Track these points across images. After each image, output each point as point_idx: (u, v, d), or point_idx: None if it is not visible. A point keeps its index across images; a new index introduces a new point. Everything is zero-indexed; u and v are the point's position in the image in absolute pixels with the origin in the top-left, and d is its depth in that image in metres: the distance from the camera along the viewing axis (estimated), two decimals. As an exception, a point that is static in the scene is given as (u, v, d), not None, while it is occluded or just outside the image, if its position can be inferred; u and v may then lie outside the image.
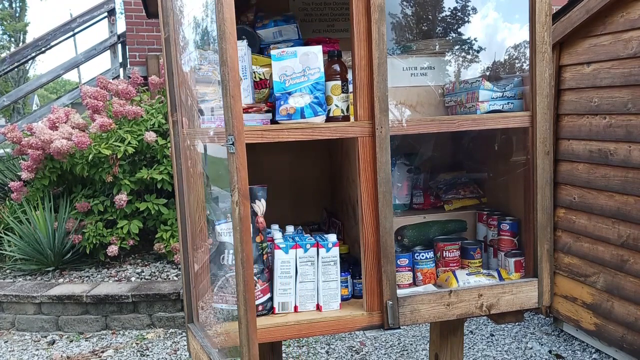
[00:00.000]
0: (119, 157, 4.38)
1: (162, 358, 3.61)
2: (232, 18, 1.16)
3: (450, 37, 2.18)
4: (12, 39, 21.50)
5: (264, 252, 1.72)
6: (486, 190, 2.18)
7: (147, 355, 3.66)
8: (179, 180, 2.01)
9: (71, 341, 3.94)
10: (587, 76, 3.18)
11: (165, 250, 4.53)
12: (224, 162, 1.61)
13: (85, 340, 3.94)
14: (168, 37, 1.97)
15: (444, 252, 1.96)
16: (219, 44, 1.20)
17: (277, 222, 1.92)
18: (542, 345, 3.54)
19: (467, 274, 1.88)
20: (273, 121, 1.70)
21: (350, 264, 1.89)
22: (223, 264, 1.69)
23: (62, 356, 3.69)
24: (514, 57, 2.05)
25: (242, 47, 1.74)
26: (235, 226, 1.21)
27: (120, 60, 7.11)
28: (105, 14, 6.89)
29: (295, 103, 1.64)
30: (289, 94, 1.65)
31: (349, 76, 1.73)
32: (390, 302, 1.70)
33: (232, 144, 1.21)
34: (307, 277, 1.74)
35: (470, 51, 2.14)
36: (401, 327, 1.74)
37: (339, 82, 1.71)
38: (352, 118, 1.73)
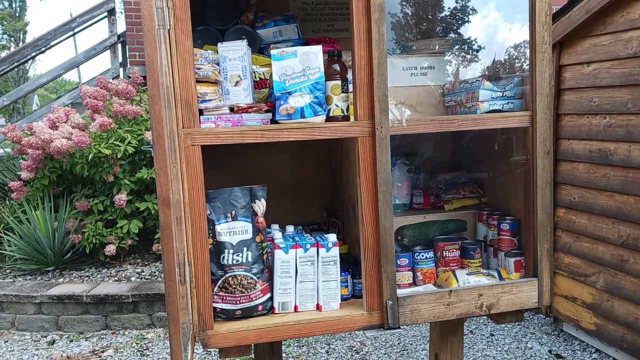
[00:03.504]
0: (119, 156, 4.38)
1: (162, 358, 3.61)
2: (152, 15, 1.09)
3: (450, 37, 2.18)
4: (12, 39, 21.50)
5: (264, 252, 1.72)
6: (486, 190, 2.18)
7: (147, 355, 3.66)
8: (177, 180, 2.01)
9: (71, 341, 3.94)
10: (587, 76, 3.18)
11: None
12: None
13: (85, 340, 3.94)
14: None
15: (444, 252, 1.96)
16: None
17: (277, 222, 1.92)
18: (542, 345, 3.54)
19: (467, 274, 1.88)
20: (273, 121, 1.70)
21: (350, 264, 1.89)
22: (223, 264, 1.69)
23: (62, 356, 3.69)
24: (514, 56, 2.05)
25: (242, 47, 1.74)
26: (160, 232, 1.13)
27: (120, 60, 7.11)
28: (105, 13, 6.88)
29: (295, 103, 1.64)
30: (289, 93, 1.65)
31: (349, 76, 1.73)
32: (390, 302, 1.70)
33: (151, 147, 1.13)
34: (307, 277, 1.74)
35: (470, 51, 2.14)
36: (401, 327, 1.74)
37: (339, 82, 1.71)
38: (352, 118, 1.73)
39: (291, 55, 1.66)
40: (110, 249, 4.43)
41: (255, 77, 1.85)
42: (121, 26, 7.10)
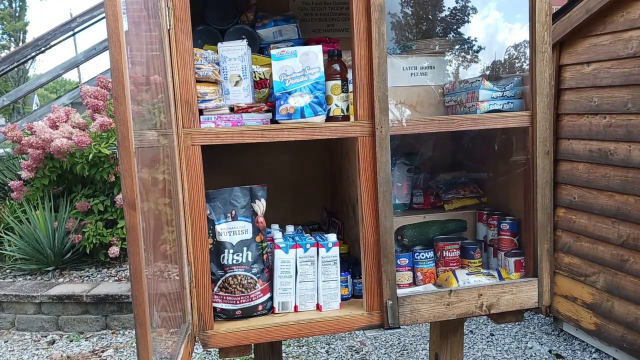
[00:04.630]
0: (119, 156, 4.38)
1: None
2: (115, 15, 1.06)
3: (450, 37, 2.18)
4: (12, 39, 21.50)
5: (264, 252, 1.72)
6: (486, 190, 2.18)
7: (147, 354, 3.66)
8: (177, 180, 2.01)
9: (71, 341, 3.94)
10: (587, 76, 3.18)
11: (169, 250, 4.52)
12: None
13: (85, 340, 3.94)
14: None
15: (444, 251, 1.96)
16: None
17: (277, 222, 1.92)
18: (542, 344, 3.54)
19: (467, 274, 1.88)
20: (273, 121, 1.70)
21: (350, 264, 1.89)
22: (223, 264, 1.69)
23: (62, 356, 3.69)
24: (514, 56, 2.05)
25: (242, 46, 1.74)
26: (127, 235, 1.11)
27: (120, 60, 7.10)
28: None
29: (295, 103, 1.64)
30: (289, 93, 1.65)
31: (349, 76, 1.73)
32: (390, 302, 1.70)
33: (116, 148, 1.11)
34: (307, 277, 1.74)
35: (470, 51, 2.14)
36: (401, 326, 1.74)
37: (339, 82, 1.71)
38: (352, 118, 1.73)
39: (291, 55, 1.66)
40: (114, 251, 4.42)
41: (255, 77, 1.85)
42: (121, 26, 7.08)
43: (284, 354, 3.53)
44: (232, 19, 2.05)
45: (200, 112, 1.64)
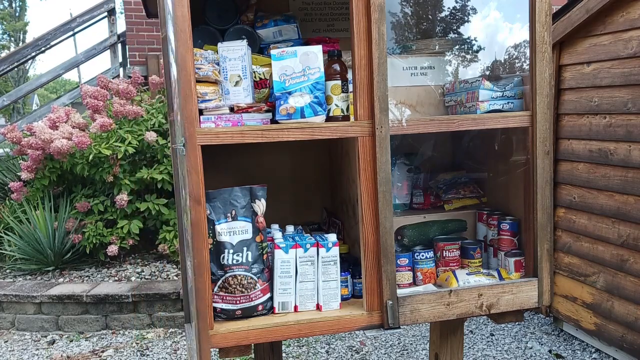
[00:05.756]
0: (119, 157, 4.38)
1: (162, 358, 3.61)
2: (184, 15, 1.11)
3: (450, 37, 2.18)
4: (12, 39, 21.50)
5: (264, 252, 1.72)
6: (486, 190, 2.18)
7: (147, 355, 3.66)
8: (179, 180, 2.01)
9: (71, 341, 3.94)
10: (587, 76, 3.18)
11: (169, 250, 4.53)
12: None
13: (85, 340, 3.94)
14: (166, 36, 1.96)
15: (444, 251, 1.96)
16: (174, 43, 1.14)
17: (277, 222, 1.92)
18: (542, 344, 3.54)
19: (467, 274, 1.88)
20: (273, 121, 1.70)
21: (350, 264, 1.89)
22: (223, 264, 1.69)
23: (62, 356, 3.69)
24: (514, 56, 2.05)
25: (242, 46, 1.74)
26: (187, 231, 1.15)
27: (120, 60, 7.11)
28: (105, 13, 6.88)
29: (295, 103, 1.64)
30: (289, 93, 1.65)
31: (349, 76, 1.73)
32: (390, 302, 1.70)
33: (183, 145, 1.16)
34: (307, 277, 1.74)
35: (470, 51, 2.14)
36: (401, 326, 1.75)
37: (339, 82, 1.71)
38: (352, 118, 1.73)
39: (291, 55, 1.66)
40: (113, 249, 4.43)
41: (255, 77, 1.85)
42: (121, 26, 7.10)
43: (284, 354, 3.53)
44: (232, 19, 2.05)
45: (200, 112, 1.64)
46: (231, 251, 1.68)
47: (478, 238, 2.12)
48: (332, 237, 1.77)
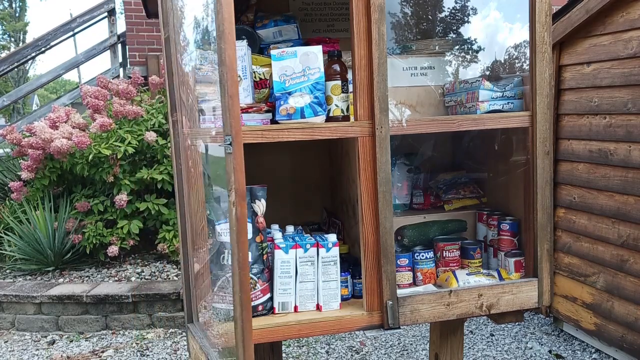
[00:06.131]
0: (119, 157, 4.38)
1: (162, 358, 3.61)
2: (231, 18, 1.16)
3: (450, 37, 2.18)
4: (12, 39, 21.50)
5: (264, 252, 1.72)
6: (486, 190, 2.18)
7: (147, 355, 3.66)
8: (179, 180, 2.01)
9: (71, 341, 3.94)
10: (587, 76, 3.18)
11: (169, 250, 4.53)
12: (224, 163, 1.61)
13: (85, 340, 3.94)
14: (168, 37, 1.97)
15: (444, 252, 1.96)
16: (218, 43, 1.20)
17: (277, 222, 1.92)
18: (542, 345, 3.54)
19: (467, 274, 1.88)
20: (273, 121, 1.70)
21: (350, 264, 1.89)
22: (223, 264, 1.69)
23: (62, 356, 3.69)
24: (514, 57, 2.05)
25: (242, 47, 1.74)
26: (232, 227, 1.21)
27: (120, 60, 7.11)
28: (105, 14, 6.88)
29: (295, 103, 1.64)
30: (289, 93, 1.65)
31: (349, 76, 1.72)
32: (390, 302, 1.70)
33: (230, 144, 1.21)
34: (307, 277, 1.74)
35: (470, 51, 2.14)
36: (401, 327, 1.74)
37: (339, 82, 1.71)
38: (352, 118, 1.73)
39: (291, 56, 1.66)
40: (113, 250, 4.43)
41: (255, 77, 1.84)
42: (121, 26, 7.10)
43: (284, 354, 3.53)
44: (232, 19, 2.05)
45: (200, 112, 1.64)
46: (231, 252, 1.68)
47: (478, 238, 2.12)
48: (332, 238, 1.77)
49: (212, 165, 1.89)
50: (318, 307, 1.76)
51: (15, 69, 10.29)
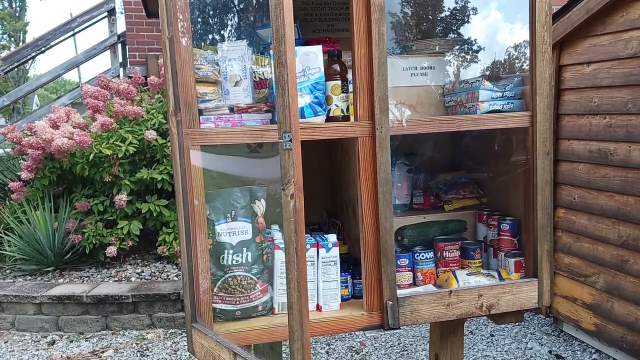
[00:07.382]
0: (119, 156, 4.38)
1: (162, 358, 3.61)
2: (291, 22, 1.28)
3: (450, 37, 2.18)
4: (12, 39, 21.50)
5: (263, 253, 1.72)
6: (486, 190, 2.18)
7: (147, 355, 3.66)
8: (179, 180, 2.00)
9: (71, 341, 3.94)
10: (587, 76, 3.18)
11: (168, 253, 4.53)
12: (227, 163, 1.61)
13: (85, 341, 3.94)
14: (172, 37, 1.96)
15: (444, 252, 1.96)
16: (276, 47, 1.29)
17: (277, 222, 1.92)
18: (542, 345, 3.54)
19: (467, 274, 1.88)
20: (273, 121, 1.70)
21: (350, 264, 1.89)
22: (222, 264, 1.69)
23: (62, 356, 3.69)
24: (514, 56, 2.05)
25: (242, 46, 1.74)
26: (289, 218, 1.29)
27: (120, 60, 7.11)
28: (105, 13, 6.88)
29: (295, 103, 1.64)
30: (289, 94, 1.65)
31: (349, 76, 1.72)
32: (390, 302, 1.70)
33: (290, 140, 1.28)
34: (307, 278, 1.74)
35: (470, 51, 2.14)
36: (401, 327, 1.74)
37: (339, 82, 1.71)
38: (352, 118, 1.73)
39: (291, 56, 1.65)
40: (111, 250, 4.43)
41: (255, 77, 1.84)
42: (121, 26, 7.10)
43: (284, 354, 3.53)
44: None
45: (200, 112, 1.64)
46: (231, 252, 1.68)
47: (478, 238, 2.11)
48: (332, 238, 1.77)
49: (212, 166, 1.88)
50: (318, 308, 1.76)
51: (15, 69, 10.29)
